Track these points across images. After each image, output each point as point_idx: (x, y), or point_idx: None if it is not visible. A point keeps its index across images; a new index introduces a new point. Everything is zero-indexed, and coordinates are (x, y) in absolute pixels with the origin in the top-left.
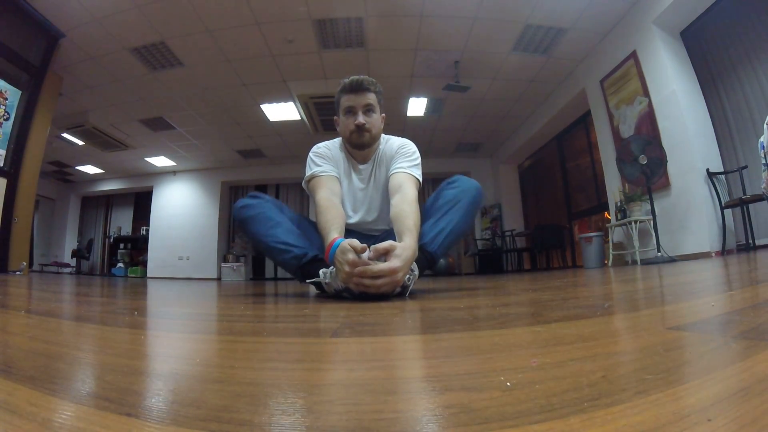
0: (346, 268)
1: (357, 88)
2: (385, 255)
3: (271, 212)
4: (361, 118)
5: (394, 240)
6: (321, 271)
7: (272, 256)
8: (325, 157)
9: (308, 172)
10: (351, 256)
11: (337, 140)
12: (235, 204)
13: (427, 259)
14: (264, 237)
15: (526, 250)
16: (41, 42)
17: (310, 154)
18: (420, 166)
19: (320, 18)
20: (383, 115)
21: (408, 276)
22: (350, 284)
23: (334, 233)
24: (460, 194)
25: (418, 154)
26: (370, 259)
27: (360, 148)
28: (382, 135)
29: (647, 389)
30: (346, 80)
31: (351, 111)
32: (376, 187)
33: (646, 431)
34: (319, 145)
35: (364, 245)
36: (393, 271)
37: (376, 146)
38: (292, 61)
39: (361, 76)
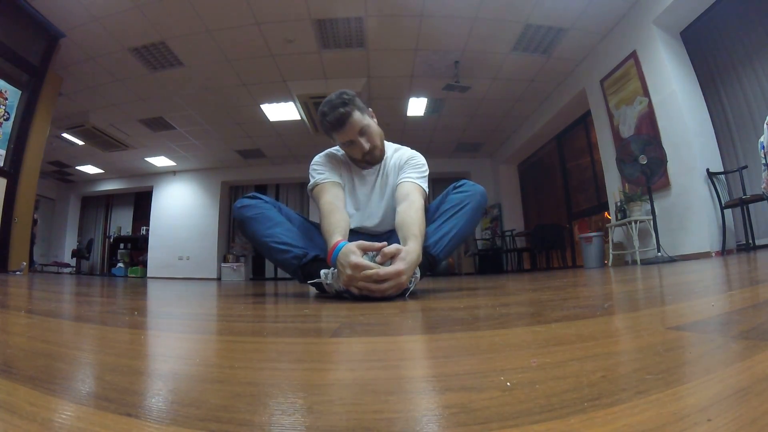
0: (348, 272)
1: (342, 123)
2: (391, 258)
3: (271, 212)
4: (364, 144)
5: (397, 241)
6: (322, 272)
7: (272, 256)
8: (325, 165)
9: (311, 181)
10: (354, 258)
11: (337, 148)
12: (234, 204)
13: (429, 262)
14: (264, 237)
15: (526, 250)
16: (41, 42)
17: (312, 164)
18: (427, 179)
19: (320, 18)
20: (374, 118)
21: (412, 281)
22: (352, 288)
23: (337, 236)
24: (466, 199)
25: (427, 167)
26: (378, 262)
27: (371, 165)
28: (390, 144)
29: (647, 389)
30: (327, 117)
31: (350, 143)
32: (380, 192)
33: (646, 431)
34: (320, 154)
35: (384, 243)
36: (398, 274)
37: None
38: (292, 61)
39: (336, 106)
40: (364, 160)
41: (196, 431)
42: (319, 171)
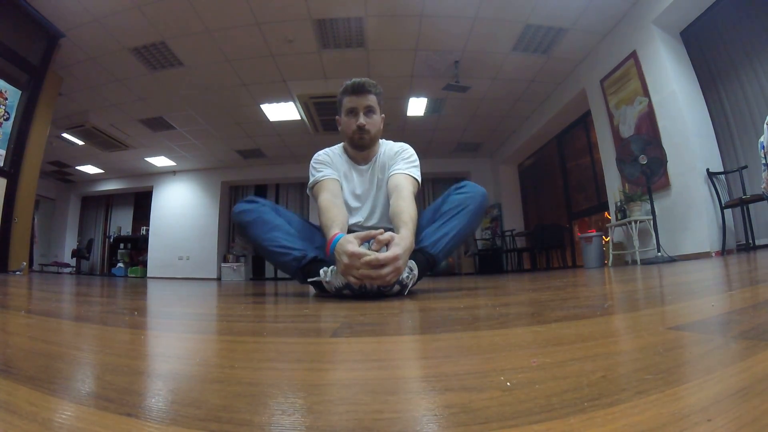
0: (345, 260)
1: (359, 90)
2: (386, 245)
3: (269, 215)
4: (362, 119)
5: None
6: (321, 270)
7: (272, 259)
8: (324, 163)
9: (311, 180)
10: (350, 247)
11: (337, 146)
12: (233, 209)
13: (428, 261)
14: (263, 241)
15: (526, 250)
16: (41, 42)
17: (311, 162)
18: (418, 167)
19: (320, 18)
20: (383, 115)
21: (407, 275)
22: (349, 277)
23: (335, 229)
24: (467, 200)
25: (415, 156)
26: (373, 250)
27: (360, 149)
28: (382, 140)
29: (647, 389)
30: (348, 82)
31: (353, 112)
32: (377, 187)
33: (646, 431)
34: (319, 152)
35: (380, 230)
36: (395, 258)
37: (376, 148)
38: (292, 61)
39: (363, 79)
40: (356, 137)
41: (196, 431)
42: (319, 169)
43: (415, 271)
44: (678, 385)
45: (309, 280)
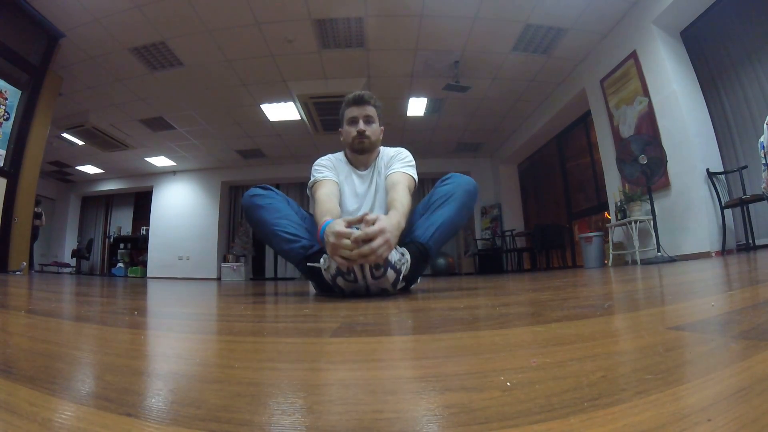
0: (332, 239)
1: (359, 101)
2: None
3: (280, 204)
4: (362, 126)
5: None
6: (322, 258)
7: (279, 245)
8: (326, 167)
9: (311, 180)
10: (337, 227)
11: (339, 153)
12: (245, 192)
13: (420, 251)
14: (273, 225)
15: (526, 250)
16: (41, 42)
17: (314, 165)
18: (414, 167)
19: (320, 18)
20: (382, 127)
21: (399, 258)
22: (337, 257)
23: (326, 217)
24: (453, 189)
25: (411, 157)
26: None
27: (360, 152)
28: (380, 147)
29: (647, 389)
30: (350, 95)
31: (353, 121)
32: (376, 191)
33: (646, 431)
34: (322, 158)
35: (366, 212)
36: (382, 230)
37: (375, 154)
38: (292, 61)
39: (363, 91)
40: (356, 141)
41: (196, 431)
42: (320, 171)
43: (407, 256)
44: (678, 385)
45: (308, 264)
